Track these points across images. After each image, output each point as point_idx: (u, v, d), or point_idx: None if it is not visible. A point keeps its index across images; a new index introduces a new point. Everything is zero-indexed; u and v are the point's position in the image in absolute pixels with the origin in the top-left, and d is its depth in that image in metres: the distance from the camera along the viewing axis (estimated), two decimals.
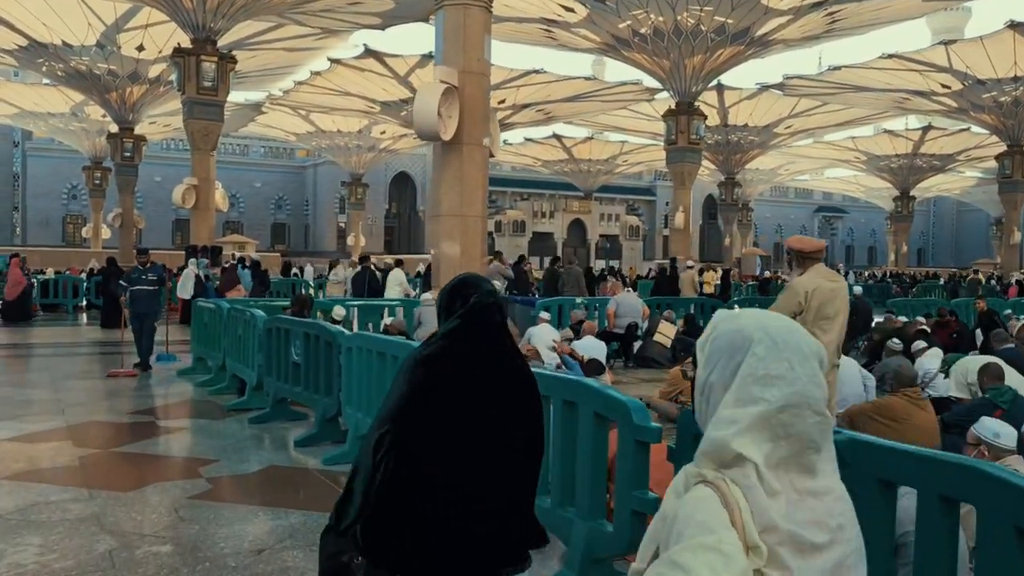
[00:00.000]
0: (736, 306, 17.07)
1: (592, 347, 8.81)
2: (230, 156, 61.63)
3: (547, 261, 27.28)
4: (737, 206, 49.96)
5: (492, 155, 10.02)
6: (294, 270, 31.12)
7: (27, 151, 60.38)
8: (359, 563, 2.16)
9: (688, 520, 1.31)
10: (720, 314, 1.49)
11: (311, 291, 21.68)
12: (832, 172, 65.82)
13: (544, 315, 10.33)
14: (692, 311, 15.53)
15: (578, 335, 9.45)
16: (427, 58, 33.77)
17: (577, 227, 52.02)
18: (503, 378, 2.29)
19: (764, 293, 25.35)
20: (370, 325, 12.06)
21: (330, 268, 21.39)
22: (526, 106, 38.83)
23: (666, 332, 11.99)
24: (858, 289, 16.39)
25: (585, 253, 49.90)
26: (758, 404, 1.32)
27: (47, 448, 7.10)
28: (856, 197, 75.88)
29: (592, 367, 6.50)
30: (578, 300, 13.22)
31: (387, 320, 9.99)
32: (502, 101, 36.12)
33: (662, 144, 48.20)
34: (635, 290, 18.87)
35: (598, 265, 41.59)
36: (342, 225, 62.54)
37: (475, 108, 9.43)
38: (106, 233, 41.97)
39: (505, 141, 45.63)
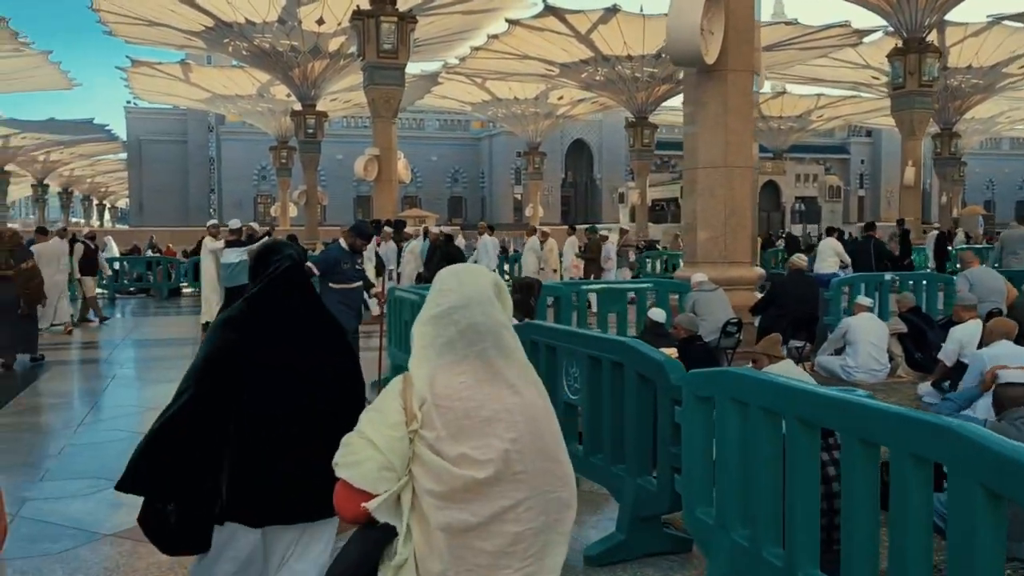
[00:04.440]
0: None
1: (1017, 359, 5.29)
2: (406, 131, 61.72)
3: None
4: (955, 160, 44.23)
5: (758, 88, 7.75)
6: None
7: (220, 135, 63.29)
8: (171, 510, 2.44)
9: (379, 397, 1.96)
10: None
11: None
12: None
13: (864, 300, 7.31)
14: None
15: (929, 329, 6.59)
16: (610, 12, 31.58)
17: (770, 189, 47.98)
18: (303, 337, 2.51)
19: None
20: (612, 319, 8.68)
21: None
22: None
23: None
24: None
25: (780, 217, 45.94)
26: (431, 307, 1.93)
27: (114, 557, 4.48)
28: None
29: None
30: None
31: (653, 313, 6.75)
32: None
33: (864, 95, 43.84)
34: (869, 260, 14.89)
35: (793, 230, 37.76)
36: (518, 196, 61.48)
37: (741, 22, 7.12)
38: (293, 211, 42.79)
39: None
